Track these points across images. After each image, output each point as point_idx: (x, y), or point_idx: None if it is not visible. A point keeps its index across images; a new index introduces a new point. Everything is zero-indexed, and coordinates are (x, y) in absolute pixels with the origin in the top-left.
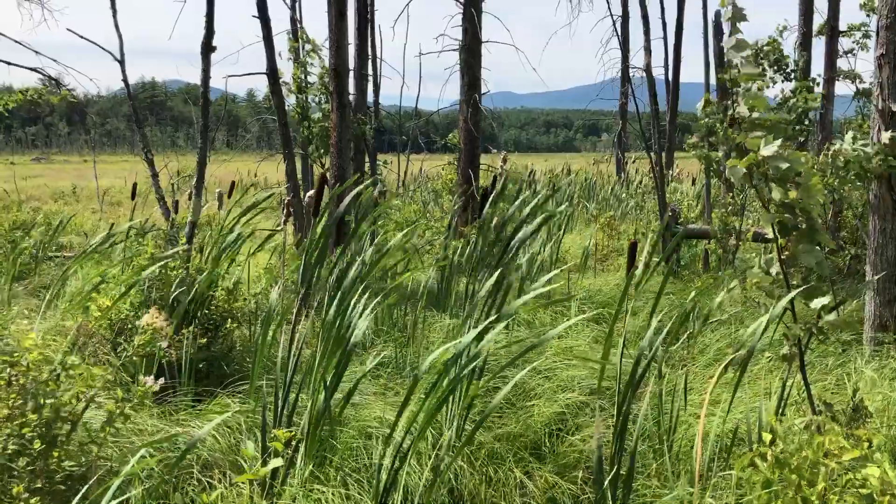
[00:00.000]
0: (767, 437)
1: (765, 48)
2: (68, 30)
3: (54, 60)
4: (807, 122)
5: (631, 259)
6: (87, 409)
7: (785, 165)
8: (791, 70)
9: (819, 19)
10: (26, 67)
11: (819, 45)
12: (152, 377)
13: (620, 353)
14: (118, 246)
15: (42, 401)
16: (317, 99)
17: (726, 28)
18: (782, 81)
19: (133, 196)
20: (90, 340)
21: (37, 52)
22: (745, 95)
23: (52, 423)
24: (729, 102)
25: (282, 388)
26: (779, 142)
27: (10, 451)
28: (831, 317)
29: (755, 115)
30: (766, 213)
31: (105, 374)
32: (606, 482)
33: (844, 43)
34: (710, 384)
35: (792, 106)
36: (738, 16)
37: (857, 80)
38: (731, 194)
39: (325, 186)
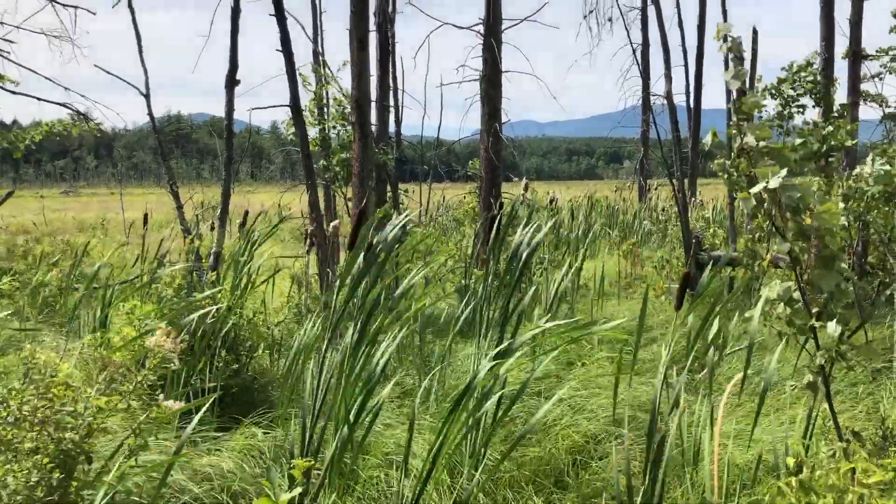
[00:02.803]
0: (791, 461)
1: (801, 74)
2: (95, 66)
3: (83, 96)
4: (835, 154)
5: (682, 292)
6: (119, 447)
7: (797, 195)
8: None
9: (844, 43)
10: (56, 103)
11: (842, 70)
12: (172, 400)
13: (661, 383)
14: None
15: (62, 435)
16: (337, 130)
17: (747, 54)
18: (813, 107)
19: (145, 224)
20: (117, 373)
21: (66, 88)
22: (750, 126)
23: (72, 455)
24: (736, 132)
25: (307, 418)
26: (784, 171)
27: (32, 483)
28: (849, 341)
29: (762, 144)
30: (781, 241)
31: (119, 402)
32: None
33: (872, 67)
34: (729, 413)
35: (827, 135)
36: (736, 49)
37: (884, 104)
38: (756, 221)
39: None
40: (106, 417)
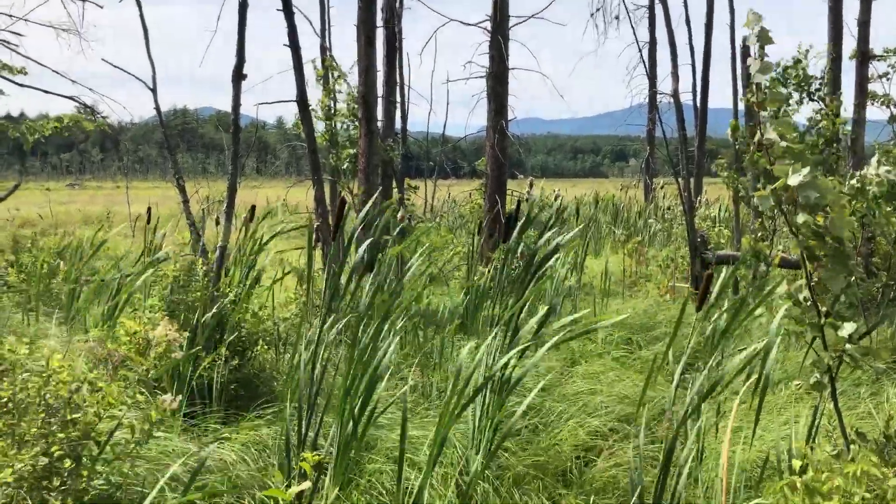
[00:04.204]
0: (797, 464)
1: (788, 69)
2: (103, 60)
3: (90, 89)
4: (837, 147)
5: (704, 292)
6: (115, 428)
7: (815, 194)
8: (816, 89)
9: (852, 42)
10: (63, 96)
11: (851, 70)
12: (170, 395)
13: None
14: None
15: (69, 416)
16: (345, 125)
17: (752, 51)
18: (807, 102)
19: (148, 221)
20: (121, 365)
21: (73, 81)
22: (773, 121)
23: (79, 442)
24: (754, 126)
25: (306, 412)
26: (807, 170)
27: (39, 469)
28: (859, 342)
29: (783, 142)
30: (795, 240)
31: (124, 392)
32: None
33: (880, 67)
34: (734, 413)
35: (821, 129)
36: (765, 38)
37: (892, 105)
38: (760, 220)
39: (345, 209)
40: (114, 406)
